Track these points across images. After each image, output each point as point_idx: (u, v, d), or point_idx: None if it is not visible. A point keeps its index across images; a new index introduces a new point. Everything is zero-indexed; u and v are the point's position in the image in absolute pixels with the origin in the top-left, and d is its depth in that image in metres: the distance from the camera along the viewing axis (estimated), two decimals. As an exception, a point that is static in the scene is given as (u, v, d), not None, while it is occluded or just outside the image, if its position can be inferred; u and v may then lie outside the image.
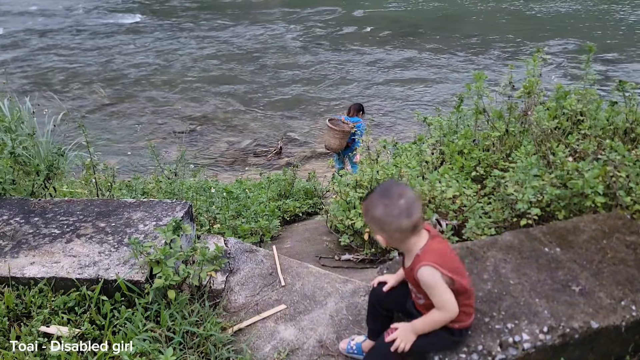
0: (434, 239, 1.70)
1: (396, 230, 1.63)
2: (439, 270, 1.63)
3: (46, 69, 13.28)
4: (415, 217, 1.62)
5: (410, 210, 1.61)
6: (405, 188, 1.65)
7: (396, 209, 1.60)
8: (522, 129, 3.43)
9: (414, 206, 1.62)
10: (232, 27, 17.02)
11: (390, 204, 1.61)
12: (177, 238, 2.34)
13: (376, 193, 1.65)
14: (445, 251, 1.70)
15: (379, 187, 1.67)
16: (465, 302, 1.71)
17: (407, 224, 1.61)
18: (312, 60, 13.52)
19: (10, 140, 3.32)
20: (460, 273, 1.69)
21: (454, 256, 1.73)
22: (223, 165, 8.43)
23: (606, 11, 16.82)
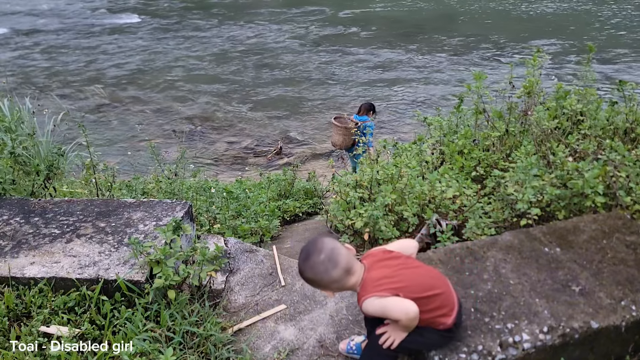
0: (369, 271, 1.73)
1: (332, 282, 1.68)
2: (378, 296, 1.67)
3: (46, 69, 13.28)
4: (342, 262, 1.67)
5: (334, 260, 1.66)
6: (320, 243, 1.69)
7: (321, 266, 1.66)
8: (522, 129, 3.43)
9: (334, 254, 1.67)
10: (232, 27, 17.02)
11: (313, 263, 1.66)
12: (177, 238, 2.34)
13: (300, 259, 1.71)
14: (382, 275, 1.71)
15: (300, 252, 1.72)
16: (427, 308, 1.70)
17: (337, 274, 1.67)
18: (312, 60, 13.53)
19: (10, 140, 3.32)
20: (404, 289, 1.68)
21: (395, 272, 1.73)
22: (223, 165, 8.43)
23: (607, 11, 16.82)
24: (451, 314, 1.75)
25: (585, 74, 3.50)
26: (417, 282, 1.73)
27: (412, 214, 3.02)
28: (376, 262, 1.77)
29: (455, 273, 2.13)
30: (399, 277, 1.72)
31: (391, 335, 1.76)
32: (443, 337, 1.77)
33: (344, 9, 18.77)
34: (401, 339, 1.75)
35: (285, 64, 13.29)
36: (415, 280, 1.73)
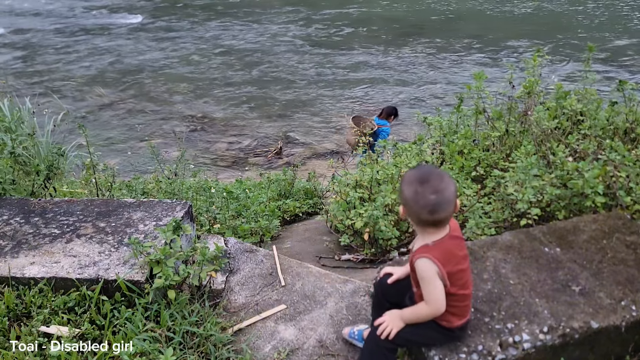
0: (451, 238, 1.67)
1: (415, 216, 1.61)
2: (437, 266, 1.63)
3: (46, 69, 13.28)
4: (440, 216, 1.58)
5: (437, 208, 1.56)
6: (445, 184, 1.57)
7: (423, 201, 1.56)
8: (522, 129, 3.43)
9: (442, 206, 1.56)
10: (232, 27, 17.02)
11: (421, 192, 1.56)
12: (177, 238, 2.34)
13: (416, 173, 1.61)
14: (454, 253, 1.67)
15: (423, 167, 1.64)
16: (456, 303, 1.70)
17: (427, 218, 1.59)
18: (313, 60, 13.53)
19: (10, 140, 3.32)
20: (457, 282, 1.67)
21: (461, 260, 1.69)
22: (223, 165, 8.43)
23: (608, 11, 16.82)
24: (462, 318, 1.75)
25: (585, 74, 3.50)
26: (467, 274, 1.71)
27: (412, 214, 3.01)
28: (457, 236, 1.70)
29: (455, 273, 2.13)
30: (462, 265, 1.68)
31: (389, 325, 1.74)
32: (444, 335, 1.77)
33: (344, 9, 18.77)
34: (399, 328, 1.74)
35: (286, 64, 13.29)
36: (466, 273, 1.71)
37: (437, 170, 1.63)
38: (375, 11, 18.51)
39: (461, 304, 1.72)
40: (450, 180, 1.60)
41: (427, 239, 1.66)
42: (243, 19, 17.98)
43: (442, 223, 1.63)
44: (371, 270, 2.91)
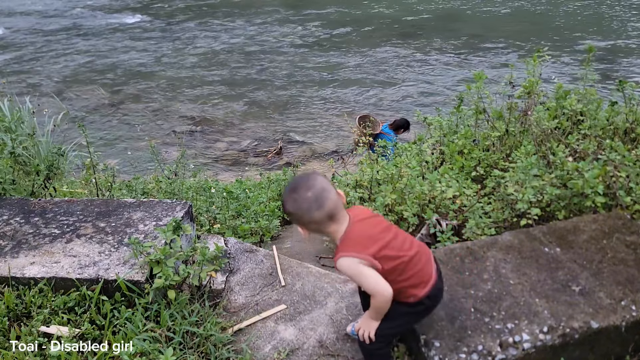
0: (354, 224, 1.68)
1: (310, 222, 1.64)
2: (357, 258, 1.62)
3: (46, 69, 13.28)
4: (328, 206, 1.61)
5: (320, 201, 1.60)
6: (313, 180, 1.63)
7: (305, 203, 1.61)
8: (522, 129, 3.43)
9: (323, 196, 1.61)
10: (232, 27, 17.02)
11: (299, 198, 1.62)
12: (177, 238, 2.34)
13: (287, 188, 1.67)
14: (369, 233, 1.67)
15: (290, 182, 1.69)
16: (405, 275, 1.67)
17: (319, 215, 1.62)
18: (313, 60, 13.53)
19: (10, 140, 3.32)
20: (389, 255, 1.65)
21: (381, 235, 1.68)
22: (223, 165, 8.43)
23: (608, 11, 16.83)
24: (425, 286, 1.71)
25: (585, 73, 3.50)
26: (398, 243, 1.69)
27: (412, 214, 3.02)
28: (363, 218, 1.72)
29: (455, 273, 2.13)
30: (382, 239, 1.67)
31: (364, 329, 1.75)
32: (416, 311, 1.75)
33: (344, 9, 18.77)
34: (374, 329, 1.75)
35: (286, 64, 13.29)
36: (397, 241, 1.69)
37: (301, 176, 1.70)
38: (375, 11, 18.51)
39: (412, 271, 1.69)
40: (316, 174, 1.66)
41: (336, 239, 1.68)
42: (243, 19, 17.98)
43: (337, 215, 1.65)
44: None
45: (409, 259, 1.68)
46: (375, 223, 1.72)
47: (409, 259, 1.68)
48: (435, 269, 1.77)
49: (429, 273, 1.73)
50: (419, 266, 1.70)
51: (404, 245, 1.70)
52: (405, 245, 1.70)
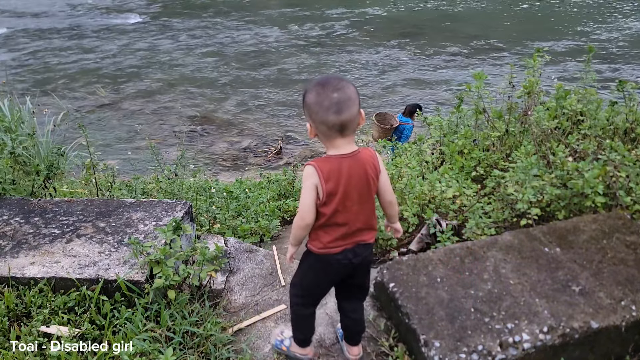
0: (352, 157, 1.63)
1: (322, 123, 1.58)
2: (317, 175, 1.61)
3: (46, 69, 13.28)
4: (345, 116, 1.56)
5: (341, 107, 1.54)
6: (344, 84, 1.57)
7: (327, 101, 1.55)
8: (522, 129, 3.43)
9: (346, 104, 1.55)
10: (232, 27, 17.02)
11: (323, 94, 1.55)
12: (177, 238, 2.34)
13: (316, 80, 1.60)
14: (348, 173, 1.63)
15: (323, 76, 1.64)
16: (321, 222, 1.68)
17: (333, 120, 1.56)
18: (312, 60, 13.53)
19: (10, 140, 3.32)
20: (336, 205, 1.63)
21: (355, 183, 1.64)
22: (223, 165, 8.43)
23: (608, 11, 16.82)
24: (341, 244, 1.70)
25: (585, 73, 3.50)
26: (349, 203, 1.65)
27: (412, 214, 3.02)
28: (360, 157, 1.65)
29: (455, 273, 2.13)
30: (350, 185, 1.63)
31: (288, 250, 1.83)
32: (322, 265, 1.75)
33: (344, 9, 18.78)
34: (289, 253, 1.82)
35: (286, 64, 13.29)
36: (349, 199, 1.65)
37: (336, 75, 1.64)
38: (375, 11, 18.51)
39: (330, 227, 1.68)
40: (350, 83, 1.60)
41: (330, 152, 1.65)
42: (243, 19, 17.98)
43: (347, 130, 1.60)
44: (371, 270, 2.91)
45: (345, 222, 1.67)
46: (362, 172, 1.66)
47: (344, 222, 1.67)
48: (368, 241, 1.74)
49: (354, 239, 1.71)
50: (341, 230, 1.68)
51: (353, 209, 1.67)
52: (354, 209, 1.67)
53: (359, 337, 1.99)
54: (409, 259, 2.26)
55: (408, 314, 1.95)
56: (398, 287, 2.09)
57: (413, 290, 2.05)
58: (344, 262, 1.72)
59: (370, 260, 1.81)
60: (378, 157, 1.72)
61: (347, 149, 1.64)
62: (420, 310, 1.95)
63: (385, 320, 2.19)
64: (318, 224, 1.69)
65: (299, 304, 1.90)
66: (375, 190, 1.72)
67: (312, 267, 1.79)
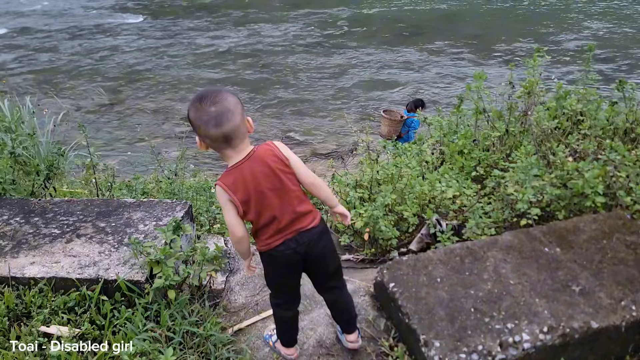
0: (249, 159, 1.65)
1: (205, 137, 1.62)
2: (227, 193, 1.65)
3: (46, 69, 13.28)
4: (226, 128, 1.57)
5: (220, 120, 1.56)
6: (222, 96, 1.59)
7: (205, 115, 1.57)
8: (522, 129, 3.43)
9: (225, 116, 1.57)
10: (232, 27, 17.02)
11: (202, 109, 1.57)
12: (177, 238, 2.34)
13: (195, 95, 1.62)
14: (253, 177, 1.64)
15: (201, 90, 1.65)
16: (254, 229, 1.75)
17: (215, 133, 1.58)
18: (312, 60, 13.53)
19: (10, 140, 3.32)
20: (256, 207, 1.67)
21: (263, 182, 1.66)
22: (223, 165, 8.42)
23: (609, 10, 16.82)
24: (280, 237, 1.72)
25: (585, 73, 3.50)
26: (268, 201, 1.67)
27: (412, 214, 3.02)
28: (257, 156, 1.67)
29: (455, 273, 2.13)
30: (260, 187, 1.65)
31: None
32: (267, 264, 1.82)
33: (344, 9, 18.78)
34: (245, 266, 1.91)
35: (285, 64, 13.29)
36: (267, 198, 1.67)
37: (215, 88, 1.65)
38: (375, 11, 18.51)
39: (265, 229, 1.72)
40: (228, 93, 1.61)
41: (229, 164, 1.68)
42: (243, 19, 17.98)
43: (234, 140, 1.62)
44: (371, 271, 2.91)
45: (270, 218, 1.70)
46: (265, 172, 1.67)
47: (268, 219, 1.70)
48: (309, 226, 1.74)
49: (292, 228, 1.72)
50: (279, 222, 1.71)
51: (270, 203, 1.68)
52: (270, 203, 1.68)
53: (352, 325, 2.01)
54: (409, 259, 2.26)
55: (408, 314, 1.95)
56: (398, 287, 2.09)
57: (413, 290, 2.05)
58: (288, 252, 1.74)
59: (321, 245, 1.78)
60: (280, 146, 1.73)
61: (242, 155, 1.67)
62: (420, 310, 1.95)
63: (385, 320, 2.19)
64: (252, 230, 1.76)
65: (278, 306, 1.93)
66: (291, 178, 1.72)
67: (266, 266, 1.84)
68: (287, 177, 1.70)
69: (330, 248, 1.84)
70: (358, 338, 2.03)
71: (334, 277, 1.91)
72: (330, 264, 1.86)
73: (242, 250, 1.82)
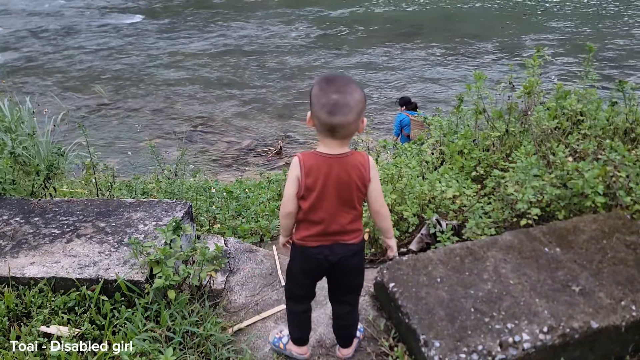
0: (338, 159, 1.63)
1: (315, 117, 1.60)
2: (299, 167, 1.64)
3: (46, 69, 13.28)
4: (336, 120, 1.55)
5: (335, 110, 1.53)
6: (350, 88, 1.56)
7: (324, 99, 1.54)
8: (522, 129, 3.43)
9: (341, 109, 1.53)
10: (232, 27, 17.02)
11: (325, 91, 1.55)
12: (177, 238, 2.34)
13: (325, 74, 1.61)
14: (328, 173, 1.63)
15: (335, 73, 1.64)
16: (300, 217, 1.73)
17: (324, 119, 1.56)
18: (313, 60, 13.53)
19: (10, 140, 3.32)
20: (312, 201, 1.66)
21: (332, 183, 1.64)
22: (223, 165, 8.43)
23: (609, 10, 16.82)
24: (318, 240, 1.72)
25: (585, 73, 3.50)
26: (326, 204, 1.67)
27: (412, 214, 3.02)
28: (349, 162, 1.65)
29: (455, 273, 2.13)
30: (327, 186, 1.64)
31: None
32: (295, 256, 1.82)
33: (344, 9, 18.78)
34: (281, 242, 1.88)
35: (286, 64, 13.29)
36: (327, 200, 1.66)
37: (348, 77, 1.61)
38: (375, 11, 18.51)
39: (309, 221, 1.72)
40: (358, 88, 1.58)
41: (320, 148, 1.66)
42: (243, 19, 17.98)
43: (339, 134, 1.60)
44: (371, 271, 2.91)
45: (319, 218, 1.69)
46: (343, 175, 1.65)
47: (318, 219, 1.69)
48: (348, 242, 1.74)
49: (332, 238, 1.72)
50: (319, 227, 1.71)
51: (327, 207, 1.68)
52: (328, 207, 1.68)
53: (348, 340, 2.00)
54: (409, 259, 2.26)
55: (408, 314, 1.95)
56: (398, 287, 2.09)
57: (413, 290, 2.05)
58: (320, 257, 1.74)
59: (353, 262, 1.78)
60: (371, 164, 1.70)
61: (337, 150, 1.64)
62: (420, 310, 1.95)
63: (385, 320, 2.19)
64: (298, 217, 1.74)
65: (291, 298, 1.93)
66: (360, 197, 1.72)
67: (295, 257, 1.84)
68: (358, 195, 1.70)
69: (359, 266, 1.84)
70: (350, 353, 2.02)
71: (350, 293, 1.91)
72: (354, 281, 1.87)
73: (286, 225, 1.79)
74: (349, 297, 1.92)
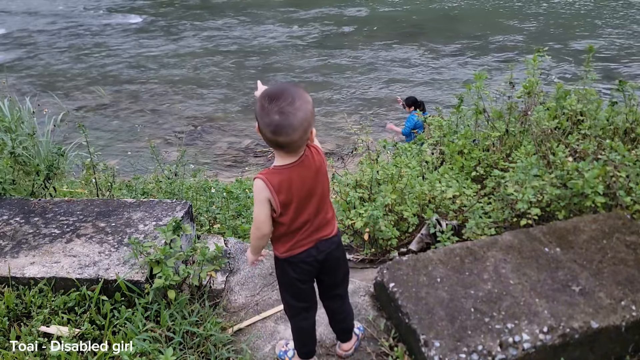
0: (300, 163, 1.60)
1: (262, 134, 1.56)
2: (267, 189, 1.58)
3: (46, 69, 13.28)
4: (281, 139, 1.50)
5: (279, 130, 1.48)
6: (293, 107, 1.46)
7: (267, 119, 1.48)
8: (522, 129, 3.43)
9: (285, 130, 1.47)
10: (232, 27, 17.02)
11: (267, 110, 1.47)
12: (177, 238, 2.34)
13: (271, 89, 1.53)
14: (297, 183, 1.60)
15: (281, 85, 1.56)
16: (282, 232, 1.69)
17: (270, 137, 1.52)
18: (312, 60, 13.53)
19: (10, 140, 3.32)
20: (293, 213, 1.63)
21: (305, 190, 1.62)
22: (223, 165, 8.42)
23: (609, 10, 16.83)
24: (303, 244, 1.70)
25: (585, 74, 3.50)
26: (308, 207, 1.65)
27: (412, 214, 3.02)
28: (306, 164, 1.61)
29: (455, 273, 2.13)
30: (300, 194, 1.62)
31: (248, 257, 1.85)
32: (283, 270, 1.77)
33: (345, 9, 18.78)
34: (249, 260, 1.84)
35: (286, 64, 13.29)
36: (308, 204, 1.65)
37: (293, 90, 1.50)
38: (375, 11, 18.51)
39: (289, 236, 1.69)
40: (303, 105, 1.48)
41: (277, 162, 1.62)
42: (243, 19, 17.98)
43: (289, 148, 1.56)
44: (371, 271, 2.91)
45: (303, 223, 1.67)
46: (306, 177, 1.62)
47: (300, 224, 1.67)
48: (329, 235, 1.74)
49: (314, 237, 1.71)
50: (302, 233, 1.69)
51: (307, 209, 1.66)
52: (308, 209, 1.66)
53: (348, 334, 2.01)
54: (409, 259, 2.26)
55: (408, 314, 1.95)
56: (398, 287, 2.09)
57: (413, 290, 2.05)
58: (309, 260, 1.73)
59: (337, 254, 1.79)
60: (320, 149, 1.70)
61: (293, 158, 1.60)
62: (420, 310, 1.95)
63: (385, 320, 2.19)
64: (280, 232, 1.70)
65: (295, 316, 1.89)
66: (327, 182, 1.71)
67: (284, 273, 1.78)
68: (326, 180, 1.69)
69: (344, 256, 1.85)
70: (351, 347, 2.02)
71: (340, 285, 1.91)
72: (340, 272, 1.87)
73: (261, 245, 1.77)
74: (340, 290, 1.92)
